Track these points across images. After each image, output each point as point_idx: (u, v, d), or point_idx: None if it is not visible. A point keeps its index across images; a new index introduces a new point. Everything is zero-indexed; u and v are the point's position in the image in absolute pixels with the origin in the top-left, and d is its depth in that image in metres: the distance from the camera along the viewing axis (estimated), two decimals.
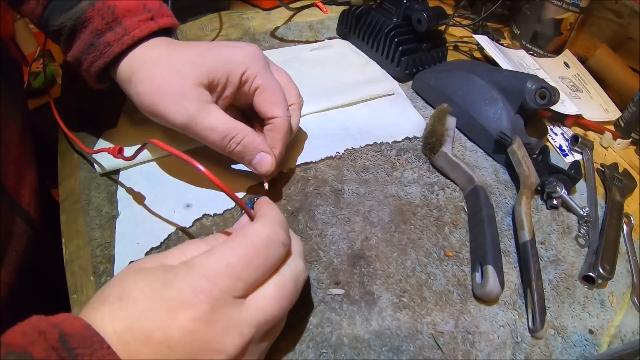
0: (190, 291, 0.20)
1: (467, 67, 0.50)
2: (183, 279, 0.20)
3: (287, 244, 0.24)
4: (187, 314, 0.19)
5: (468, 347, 0.30)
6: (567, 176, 0.42)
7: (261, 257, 0.22)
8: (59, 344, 0.17)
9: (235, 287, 0.21)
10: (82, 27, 0.32)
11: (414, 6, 0.51)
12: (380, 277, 0.33)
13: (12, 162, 0.36)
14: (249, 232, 0.23)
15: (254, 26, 0.59)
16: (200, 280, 0.20)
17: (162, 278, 0.20)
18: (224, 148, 0.32)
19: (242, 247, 0.22)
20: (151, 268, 0.22)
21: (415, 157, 0.43)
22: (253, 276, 0.22)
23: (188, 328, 0.19)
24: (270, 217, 0.24)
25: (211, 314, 0.20)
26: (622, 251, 0.40)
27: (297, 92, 0.38)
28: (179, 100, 0.30)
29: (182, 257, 0.23)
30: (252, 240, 0.22)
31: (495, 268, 0.32)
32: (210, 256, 0.21)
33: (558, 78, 0.60)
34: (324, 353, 0.28)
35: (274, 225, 0.24)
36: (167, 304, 0.19)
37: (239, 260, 0.21)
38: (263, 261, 0.22)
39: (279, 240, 0.23)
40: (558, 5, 0.59)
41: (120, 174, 0.37)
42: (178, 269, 0.21)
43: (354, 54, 0.56)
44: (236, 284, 0.21)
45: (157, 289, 0.20)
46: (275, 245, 0.23)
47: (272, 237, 0.23)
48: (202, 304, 0.19)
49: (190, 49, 0.33)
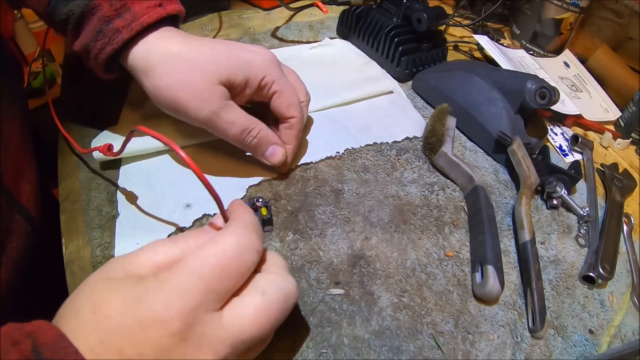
0: (162, 308, 0.19)
1: (467, 67, 0.50)
2: (154, 295, 0.20)
3: (260, 251, 0.23)
4: (159, 330, 0.19)
5: (468, 347, 0.30)
6: (567, 176, 0.42)
7: (234, 266, 0.21)
8: (32, 355, 0.17)
9: (208, 300, 0.20)
10: (90, 15, 0.32)
11: (414, 6, 0.51)
12: (380, 277, 0.33)
13: (11, 158, 0.36)
14: (220, 239, 0.22)
15: (254, 26, 0.59)
16: (171, 296, 0.19)
17: (132, 292, 0.20)
18: (242, 141, 0.34)
19: (213, 256, 0.21)
20: (120, 279, 0.21)
21: (415, 157, 0.43)
22: (226, 286, 0.21)
23: (161, 345, 0.19)
24: (243, 221, 0.24)
25: (184, 331, 0.19)
26: (622, 251, 0.40)
27: (305, 89, 0.40)
28: (203, 96, 0.32)
29: (150, 262, 0.22)
30: (223, 248, 0.22)
31: (495, 268, 0.33)
32: (181, 268, 0.21)
33: (558, 78, 0.60)
34: (324, 353, 0.28)
35: (247, 230, 0.23)
36: (139, 321, 0.19)
37: (210, 271, 0.20)
38: (236, 269, 0.21)
39: (251, 247, 0.22)
40: (558, 5, 0.59)
41: (120, 174, 0.37)
42: (148, 284, 0.20)
43: (354, 54, 0.56)
44: (209, 297, 0.20)
45: (128, 304, 0.19)
46: (248, 252, 0.22)
47: (245, 244, 0.22)
48: (174, 321, 0.19)
49: (208, 46, 0.33)
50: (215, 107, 0.32)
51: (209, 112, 0.32)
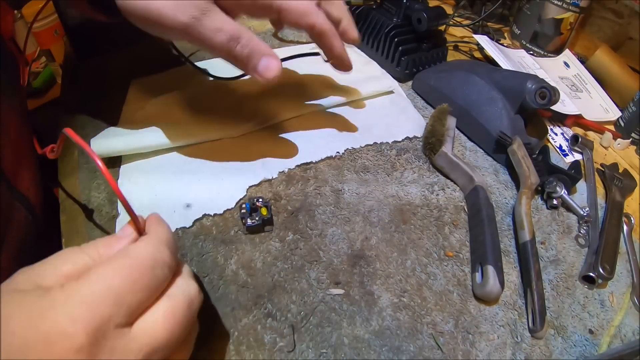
0: (68, 321, 0.18)
1: (467, 67, 0.50)
2: (60, 308, 0.18)
3: (172, 266, 0.23)
4: (65, 345, 0.18)
5: (468, 347, 0.30)
6: (567, 176, 0.42)
7: (145, 279, 0.21)
8: None
9: (118, 314, 0.19)
10: None
11: (414, 6, 0.51)
12: (380, 277, 0.33)
13: (11, 145, 0.36)
14: (133, 251, 0.21)
15: (254, 26, 0.59)
16: (78, 308, 0.18)
17: (38, 305, 0.19)
18: (231, 51, 0.30)
19: (124, 267, 0.20)
20: (26, 291, 0.20)
21: (415, 157, 0.43)
22: (137, 299, 0.20)
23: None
24: (157, 235, 0.23)
25: (92, 346, 0.18)
26: (622, 251, 0.40)
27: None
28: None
29: (58, 272, 0.21)
30: (135, 260, 0.21)
31: (495, 268, 0.33)
32: (90, 279, 0.20)
33: (558, 78, 0.60)
34: (324, 353, 0.28)
35: (160, 245, 0.22)
36: (43, 336, 0.18)
37: (121, 283, 0.20)
38: (147, 282, 0.21)
39: (163, 261, 0.22)
40: (558, 5, 0.59)
41: (120, 174, 0.37)
42: (55, 295, 0.19)
43: (354, 54, 0.56)
44: (119, 310, 0.19)
45: (33, 318, 0.18)
46: (161, 266, 0.21)
47: (157, 258, 0.22)
48: (81, 335, 0.18)
49: None
50: (195, 11, 0.28)
51: (189, 17, 0.27)
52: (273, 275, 0.32)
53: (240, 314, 0.30)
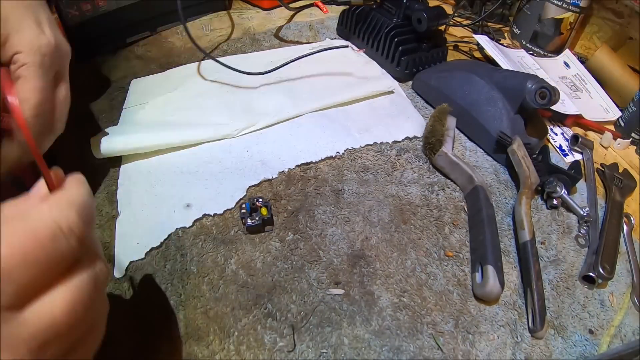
0: None
1: (467, 67, 0.50)
2: None
3: (81, 238, 0.18)
4: None
5: (468, 347, 0.30)
6: (567, 176, 0.42)
7: (43, 251, 0.16)
8: None
9: (4, 293, 0.15)
10: None
11: (414, 6, 0.51)
12: (380, 277, 0.33)
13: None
14: (33, 214, 0.17)
15: (254, 26, 0.59)
16: None
17: None
18: None
19: (17, 235, 0.16)
20: None
21: (415, 157, 0.43)
22: (29, 276, 0.16)
23: None
24: (68, 197, 0.19)
25: None
26: (622, 251, 0.40)
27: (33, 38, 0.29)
28: None
29: None
30: (32, 225, 0.17)
31: (495, 268, 0.32)
32: None
33: (558, 78, 0.60)
34: (324, 353, 0.28)
35: (69, 209, 0.18)
36: None
37: (10, 254, 0.16)
38: (45, 256, 0.17)
39: (70, 230, 0.17)
40: (558, 5, 0.59)
41: (120, 173, 0.37)
42: None
43: (355, 54, 0.56)
44: (5, 289, 0.15)
45: None
46: (66, 237, 0.17)
47: (62, 225, 0.17)
48: None
49: None
50: None
51: None
52: (273, 275, 0.32)
53: (240, 314, 0.30)
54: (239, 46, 0.55)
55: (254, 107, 0.45)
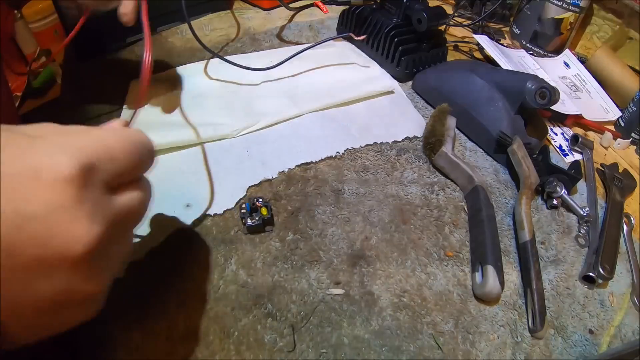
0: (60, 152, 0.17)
1: (467, 67, 0.50)
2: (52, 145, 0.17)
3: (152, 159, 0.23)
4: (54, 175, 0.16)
5: (468, 347, 0.30)
6: (567, 176, 0.42)
7: (137, 150, 0.21)
8: None
9: (107, 168, 0.19)
10: None
11: (414, 6, 0.51)
12: (380, 277, 0.33)
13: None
14: (126, 130, 0.22)
15: (254, 26, 0.59)
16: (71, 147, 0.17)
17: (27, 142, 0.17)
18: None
19: (119, 135, 0.20)
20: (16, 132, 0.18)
21: (415, 157, 0.43)
22: (125, 165, 0.20)
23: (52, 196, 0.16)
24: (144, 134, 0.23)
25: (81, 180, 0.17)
26: (622, 251, 0.40)
27: None
28: None
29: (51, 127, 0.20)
30: (129, 133, 0.21)
31: (495, 268, 0.32)
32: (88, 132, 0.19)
33: (558, 78, 0.60)
34: (324, 353, 0.28)
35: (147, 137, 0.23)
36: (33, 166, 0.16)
37: (115, 144, 0.20)
38: (137, 154, 0.21)
39: (151, 148, 0.22)
40: (558, 5, 0.59)
41: None
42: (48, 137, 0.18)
43: (354, 54, 0.56)
44: (109, 165, 0.19)
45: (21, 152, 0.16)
46: (148, 150, 0.22)
47: (146, 142, 0.22)
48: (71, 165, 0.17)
49: None
50: None
51: None
52: (273, 275, 0.32)
53: (240, 314, 0.30)
54: (239, 46, 0.55)
55: (254, 107, 0.44)
